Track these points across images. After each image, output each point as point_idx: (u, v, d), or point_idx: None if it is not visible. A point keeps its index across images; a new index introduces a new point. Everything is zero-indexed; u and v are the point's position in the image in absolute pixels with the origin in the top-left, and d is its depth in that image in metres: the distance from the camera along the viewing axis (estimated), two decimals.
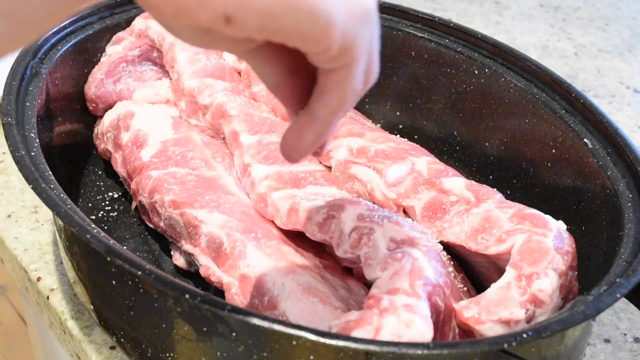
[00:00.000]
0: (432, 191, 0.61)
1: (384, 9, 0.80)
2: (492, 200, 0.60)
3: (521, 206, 0.59)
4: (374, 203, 0.63)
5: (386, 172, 0.63)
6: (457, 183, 0.61)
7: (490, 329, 0.51)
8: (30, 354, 1.04)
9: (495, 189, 0.62)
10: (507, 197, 0.68)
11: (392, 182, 0.63)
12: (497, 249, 0.56)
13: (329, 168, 0.68)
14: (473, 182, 0.62)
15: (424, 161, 0.63)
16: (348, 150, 0.66)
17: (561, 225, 0.56)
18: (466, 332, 0.53)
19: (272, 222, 0.64)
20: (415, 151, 0.65)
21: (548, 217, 0.57)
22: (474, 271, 0.62)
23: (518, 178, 0.71)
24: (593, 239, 0.60)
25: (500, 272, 0.55)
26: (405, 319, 0.48)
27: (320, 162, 0.69)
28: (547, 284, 0.52)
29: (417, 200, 0.62)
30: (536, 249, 0.54)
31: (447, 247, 0.60)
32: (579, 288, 0.59)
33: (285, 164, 0.67)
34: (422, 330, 0.47)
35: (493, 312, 0.51)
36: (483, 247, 0.57)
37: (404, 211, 0.63)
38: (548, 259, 0.53)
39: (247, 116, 0.69)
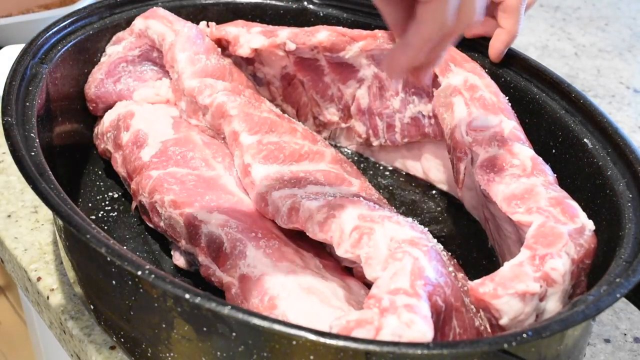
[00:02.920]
0: (501, 149, 0.63)
1: None
2: (544, 178, 0.61)
3: (566, 195, 0.59)
4: (450, 141, 0.65)
5: (475, 118, 0.66)
6: (524, 151, 0.63)
7: (506, 303, 0.51)
8: (30, 354, 1.04)
9: (554, 173, 0.63)
10: None
11: (476, 126, 0.65)
12: (520, 217, 0.57)
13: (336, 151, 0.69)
14: (539, 157, 0.63)
15: (511, 125, 0.65)
16: (464, 80, 0.68)
17: (590, 224, 0.57)
18: (479, 309, 0.53)
19: (272, 222, 0.64)
20: (509, 114, 0.67)
21: (581, 213, 0.57)
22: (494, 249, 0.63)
23: None
24: None
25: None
26: (405, 319, 0.48)
27: (334, 147, 0.69)
28: (560, 264, 0.53)
29: (484, 151, 0.63)
30: (550, 234, 0.55)
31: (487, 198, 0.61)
32: None
33: (285, 163, 0.67)
34: (422, 330, 0.47)
35: (509, 286, 0.51)
36: (512, 211, 0.58)
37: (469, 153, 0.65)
38: (562, 242, 0.54)
39: (247, 116, 0.69)
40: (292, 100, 0.81)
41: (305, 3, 0.83)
